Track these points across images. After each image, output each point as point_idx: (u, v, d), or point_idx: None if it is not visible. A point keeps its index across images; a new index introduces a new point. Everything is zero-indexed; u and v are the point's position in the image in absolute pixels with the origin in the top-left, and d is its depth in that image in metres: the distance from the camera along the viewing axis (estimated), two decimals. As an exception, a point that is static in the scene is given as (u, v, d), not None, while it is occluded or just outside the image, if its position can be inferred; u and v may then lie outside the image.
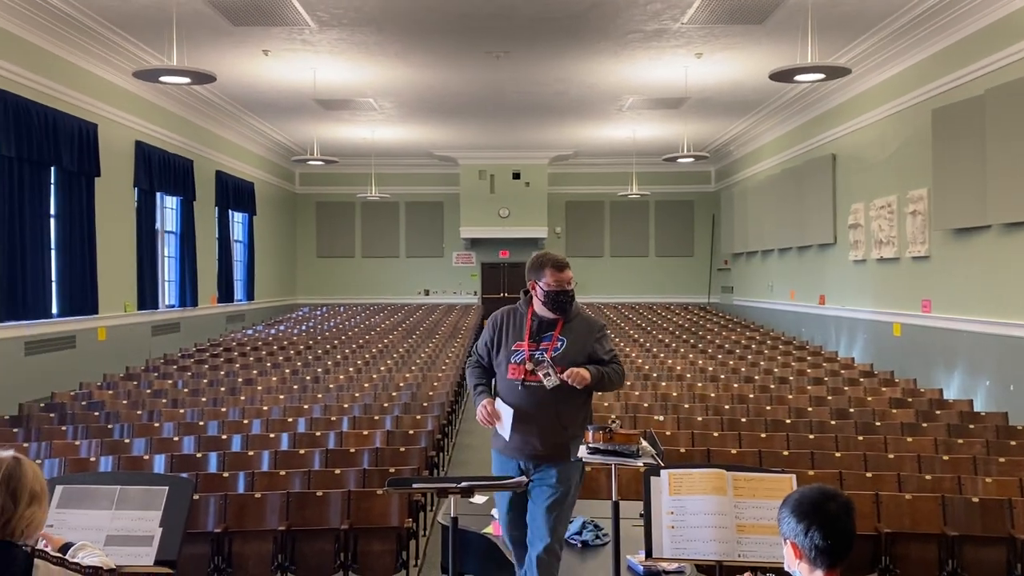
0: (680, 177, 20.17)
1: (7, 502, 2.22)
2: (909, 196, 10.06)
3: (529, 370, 3.84)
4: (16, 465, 2.28)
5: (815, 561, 2.20)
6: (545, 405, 3.84)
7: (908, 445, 6.32)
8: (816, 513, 2.21)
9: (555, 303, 3.95)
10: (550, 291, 3.94)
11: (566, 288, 3.96)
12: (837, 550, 2.20)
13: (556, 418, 3.84)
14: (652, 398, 8.26)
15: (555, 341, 3.92)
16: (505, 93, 13.11)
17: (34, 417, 7.42)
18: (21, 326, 8.82)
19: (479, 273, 21.01)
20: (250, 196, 16.76)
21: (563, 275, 3.96)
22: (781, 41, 10.04)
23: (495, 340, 4.06)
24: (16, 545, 2.24)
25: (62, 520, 2.99)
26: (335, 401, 8.03)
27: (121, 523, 3.03)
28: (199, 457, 5.88)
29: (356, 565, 4.82)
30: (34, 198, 9.01)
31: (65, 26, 9.17)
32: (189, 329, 13.44)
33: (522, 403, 3.87)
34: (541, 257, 4.07)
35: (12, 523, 2.23)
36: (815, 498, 2.24)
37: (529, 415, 3.84)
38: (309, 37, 9.98)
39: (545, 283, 3.95)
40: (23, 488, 2.25)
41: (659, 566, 3.73)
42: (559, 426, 3.84)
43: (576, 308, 4.07)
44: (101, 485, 3.12)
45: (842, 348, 12.13)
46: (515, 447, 3.90)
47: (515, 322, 4.04)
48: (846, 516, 2.23)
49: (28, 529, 2.27)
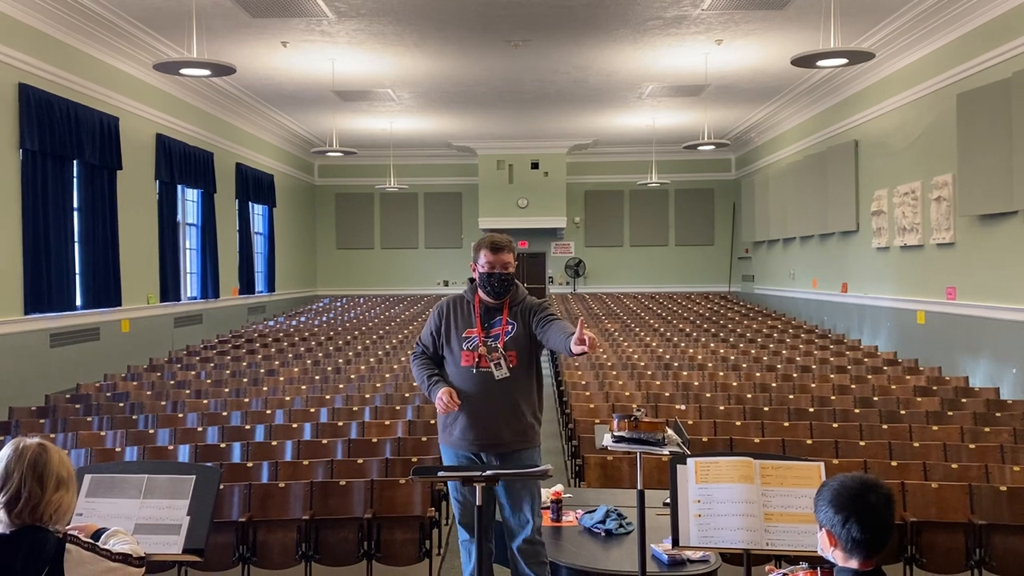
0: (700, 165, 20.06)
1: (34, 488, 2.24)
2: (933, 182, 9.93)
3: (483, 355, 3.75)
4: (41, 451, 2.30)
5: (851, 551, 2.16)
6: (501, 391, 3.77)
7: (934, 434, 6.26)
8: (856, 505, 2.14)
9: (489, 285, 3.81)
10: (483, 273, 3.82)
11: (500, 271, 3.79)
12: (874, 543, 2.14)
13: (515, 404, 3.78)
14: (673, 387, 8.23)
15: (505, 325, 3.82)
16: (523, 82, 13.06)
17: (60, 408, 7.49)
18: (46, 318, 8.92)
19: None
20: (270, 188, 16.82)
21: (498, 257, 3.79)
22: (803, 26, 9.93)
23: (442, 329, 3.94)
24: (46, 530, 2.27)
25: (91, 509, 3.02)
26: (356, 391, 8.06)
27: (149, 511, 3.05)
28: (223, 447, 5.92)
29: (379, 554, 4.83)
30: (57, 191, 9.08)
31: (86, 20, 9.22)
32: (211, 321, 13.54)
33: (477, 390, 3.77)
34: (481, 239, 3.92)
35: (40, 508, 2.25)
36: (855, 488, 2.17)
37: (486, 402, 3.76)
38: (327, 28, 9.98)
39: (480, 265, 3.83)
40: (49, 473, 2.27)
41: (684, 555, 3.71)
42: (519, 411, 3.79)
43: (522, 293, 3.95)
44: (129, 474, 3.14)
45: (865, 336, 12.03)
46: (473, 438, 3.80)
47: (463, 309, 3.93)
48: (886, 509, 2.16)
49: (57, 514, 2.29)
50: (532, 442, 3.86)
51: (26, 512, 2.24)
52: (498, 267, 3.80)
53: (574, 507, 4.51)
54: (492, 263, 3.79)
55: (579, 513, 4.41)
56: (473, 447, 3.84)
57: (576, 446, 6.36)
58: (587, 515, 4.34)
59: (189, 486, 3.11)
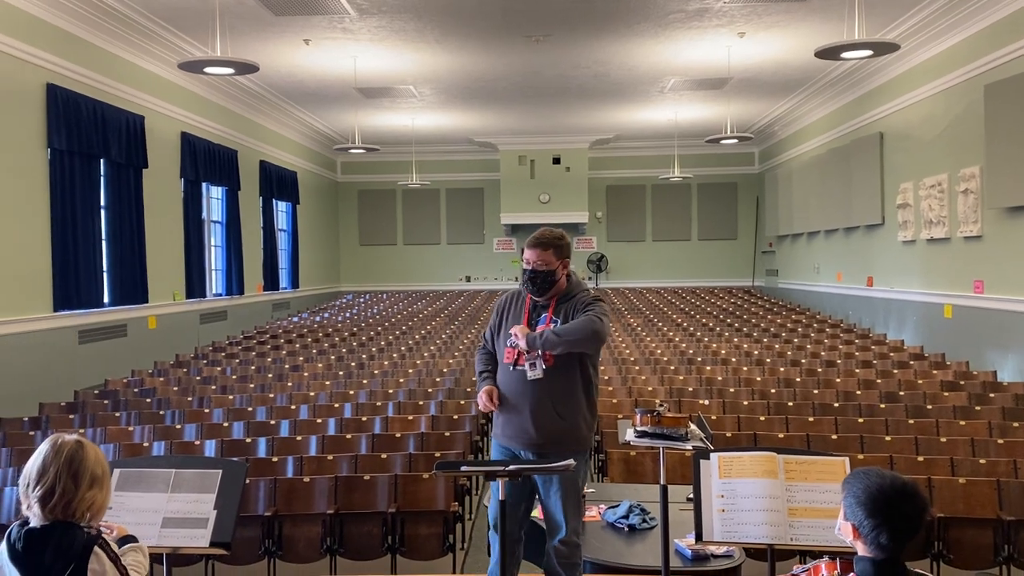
0: (723, 159, 19.93)
1: (68, 484, 2.28)
2: (961, 174, 9.81)
3: (521, 352, 3.70)
4: (78, 448, 2.33)
5: (874, 551, 2.14)
6: (534, 391, 3.69)
7: (961, 428, 6.19)
8: (890, 514, 2.09)
9: (526, 282, 3.82)
10: (523, 270, 3.85)
11: (532, 268, 3.78)
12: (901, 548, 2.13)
13: (549, 405, 3.68)
14: (697, 382, 8.20)
15: (548, 323, 3.76)
16: (544, 77, 13.04)
17: (89, 404, 7.61)
18: (75, 315, 9.04)
19: (520, 259, 20.95)
20: (293, 185, 16.93)
21: (532, 252, 3.78)
22: (826, 17, 9.83)
23: (498, 324, 3.95)
24: (77, 526, 2.30)
25: (120, 503, 3.06)
26: (380, 387, 8.11)
27: (177, 505, 3.09)
28: (248, 442, 5.98)
29: (403, 548, 4.87)
30: (85, 190, 9.20)
31: (112, 20, 9.33)
32: (236, 317, 13.66)
33: (514, 388, 3.74)
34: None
35: (74, 505, 2.29)
36: (891, 496, 2.11)
37: (520, 400, 3.72)
38: (349, 25, 10.02)
39: (523, 261, 3.86)
40: (84, 471, 2.31)
41: (707, 550, 3.70)
42: (553, 414, 3.68)
43: (572, 288, 3.87)
44: (157, 468, 3.18)
45: (891, 330, 11.91)
46: (510, 435, 3.78)
47: (517, 305, 3.93)
48: (918, 518, 2.11)
49: (90, 511, 2.33)
50: (568, 447, 3.68)
51: (59, 508, 2.28)
52: (531, 264, 3.78)
53: (597, 502, 4.52)
54: (527, 259, 3.80)
55: (602, 508, 4.42)
56: (512, 443, 3.80)
57: (599, 441, 6.36)
58: (610, 510, 4.35)
59: (216, 480, 3.15)
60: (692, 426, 3.40)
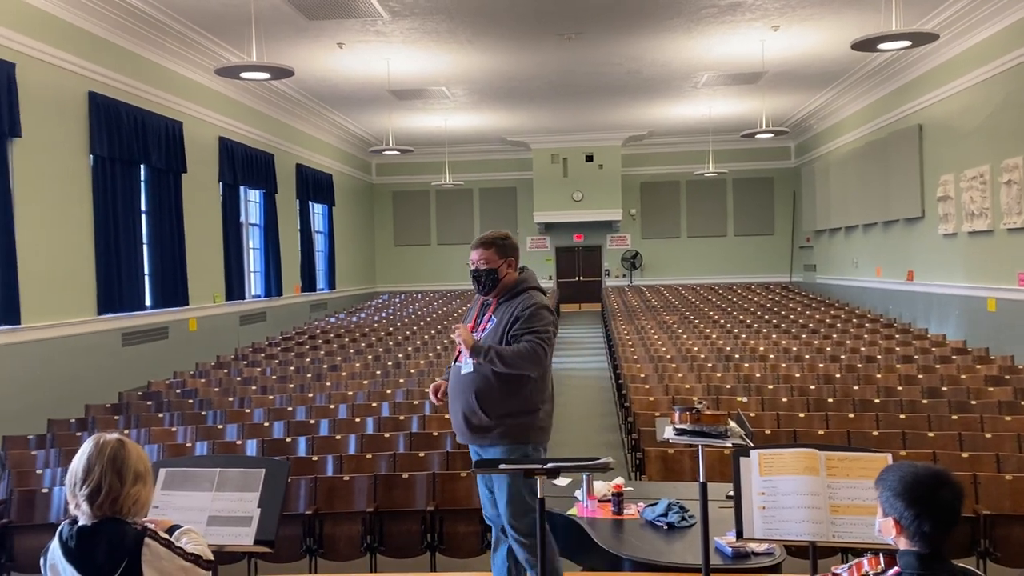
0: (758, 153, 19.74)
1: (113, 481, 2.35)
2: (1003, 165, 9.62)
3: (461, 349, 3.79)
4: (120, 447, 2.40)
5: (917, 542, 2.14)
6: (464, 386, 3.78)
7: (1007, 424, 6.08)
8: (929, 501, 2.11)
9: (472, 282, 3.91)
10: (469, 270, 3.92)
11: (476, 267, 3.84)
12: (944, 536, 2.13)
13: (471, 400, 3.74)
14: (735, 379, 8.13)
15: (486, 322, 3.86)
16: (577, 75, 13.02)
17: (132, 405, 7.76)
18: (118, 318, 9.22)
19: (554, 257, 20.99)
20: (329, 187, 17.10)
21: (472, 254, 3.86)
22: (862, 9, 9.70)
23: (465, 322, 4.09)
24: (125, 522, 2.37)
25: (167, 501, 3.13)
26: (416, 386, 8.16)
27: (221, 504, 3.14)
28: (288, 442, 6.06)
29: (442, 546, 4.90)
30: (126, 195, 9.38)
31: (151, 28, 9.49)
32: (275, 318, 13.83)
33: (452, 382, 3.89)
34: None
35: (120, 501, 2.36)
36: (928, 483, 2.13)
37: (454, 395, 3.85)
38: (382, 28, 10.09)
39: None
40: (128, 468, 2.38)
41: (748, 547, 3.68)
42: (474, 408, 3.73)
43: (516, 286, 3.87)
44: (202, 468, 3.24)
45: (933, 325, 11.71)
46: (455, 428, 3.95)
47: (476, 304, 4.06)
48: (957, 502, 2.13)
49: (135, 507, 2.40)
50: (492, 441, 3.74)
51: (106, 504, 2.34)
52: (474, 263, 3.86)
53: (635, 500, 4.51)
54: (471, 259, 3.88)
55: (640, 506, 4.41)
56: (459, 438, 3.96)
57: (636, 439, 6.34)
58: (648, 508, 4.33)
59: (259, 479, 3.20)
60: (731, 423, 3.38)
